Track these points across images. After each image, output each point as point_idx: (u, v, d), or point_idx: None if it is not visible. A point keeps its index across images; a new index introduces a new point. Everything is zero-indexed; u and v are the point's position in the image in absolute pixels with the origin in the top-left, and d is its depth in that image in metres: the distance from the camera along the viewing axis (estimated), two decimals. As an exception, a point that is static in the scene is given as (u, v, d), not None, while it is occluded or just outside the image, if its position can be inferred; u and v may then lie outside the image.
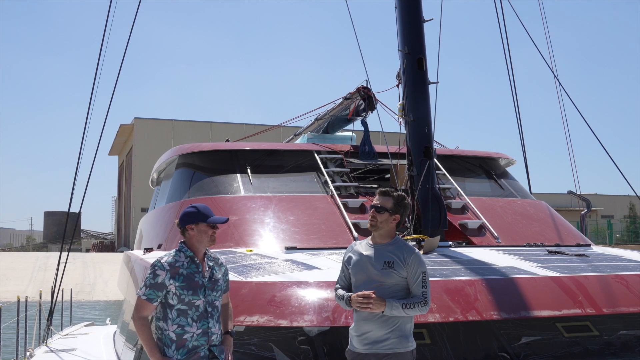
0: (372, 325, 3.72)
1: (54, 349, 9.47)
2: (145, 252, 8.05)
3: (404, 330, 3.74)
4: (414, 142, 7.14)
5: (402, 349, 3.71)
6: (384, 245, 3.85)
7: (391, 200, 3.87)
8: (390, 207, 3.85)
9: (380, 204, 3.86)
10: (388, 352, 3.69)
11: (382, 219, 3.83)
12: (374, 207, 3.87)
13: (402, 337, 3.72)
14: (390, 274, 3.73)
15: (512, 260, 5.82)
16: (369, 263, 3.80)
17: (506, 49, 8.86)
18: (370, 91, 9.13)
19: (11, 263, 38.25)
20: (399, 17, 7.28)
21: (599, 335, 4.73)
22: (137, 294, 3.78)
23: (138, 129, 55.34)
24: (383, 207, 3.85)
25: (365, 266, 3.81)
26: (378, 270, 3.75)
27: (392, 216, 3.85)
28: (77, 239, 68.85)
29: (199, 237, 3.84)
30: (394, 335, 3.70)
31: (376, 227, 3.85)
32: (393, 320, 3.71)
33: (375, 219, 3.84)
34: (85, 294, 31.92)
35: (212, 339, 3.81)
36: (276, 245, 6.64)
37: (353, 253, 3.92)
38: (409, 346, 3.75)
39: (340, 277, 3.98)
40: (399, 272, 3.73)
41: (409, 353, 3.74)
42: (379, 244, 3.86)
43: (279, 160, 8.39)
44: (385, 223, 3.84)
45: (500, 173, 9.36)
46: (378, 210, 3.85)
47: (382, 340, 3.70)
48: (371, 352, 3.72)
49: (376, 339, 3.71)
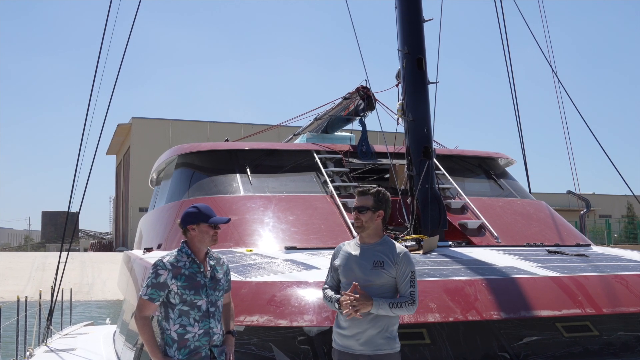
0: (360, 325, 3.74)
1: (53, 349, 9.47)
2: (145, 252, 8.05)
3: (391, 331, 3.77)
4: (413, 142, 7.15)
5: (389, 349, 3.74)
6: (372, 245, 3.88)
7: (371, 198, 3.91)
8: (371, 205, 3.89)
9: (361, 204, 3.91)
10: (376, 352, 3.72)
11: (366, 218, 3.87)
12: (356, 209, 3.91)
13: (389, 338, 3.75)
14: (379, 273, 3.76)
15: (512, 260, 5.82)
16: (358, 263, 3.83)
17: (506, 49, 8.87)
18: (369, 91, 9.14)
19: (9, 263, 38.22)
20: (399, 17, 7.28)
21: (599, 335, 4.74)
22: (139, 294, 3.78)
23: (136, 128, 55.35)
24: (364, 206, 3.89)
25: (354, 266, 3.83)
26: (367, 270, 3.78)
27: (375, 213, 3.89)
28: (75, 238, 68.80)
29: (201, 237, 3.84)
30: (382, 336, 3.73)
31: (362, 227, 3.89)
32: (381, 321, 3.73)
33: (360, 220, 3.88)
34: (84, 293, 31.90)
35: (213, 339, 3.81)
36: (276, 245, 6.64)
37: (342, 253, 3.95)
38: (396, 347, 3.79)
39: (327, 277, 4.01)
40: (388, 271, 3.76)
41: (396, 354, 3.77)
42: (368, 244, 3.89)
43: (278, 160, 8.39)
44: (371, 221, 3.88)
45: (499, 173, 9.37)
46: (360, 210, 3.89)
47: (369, 340, 3.73)
48: (359, 352, 3.74)
49: (364, 338, 3.74)
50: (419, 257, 5.86)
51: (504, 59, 8.90)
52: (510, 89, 9.00)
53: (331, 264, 4.01)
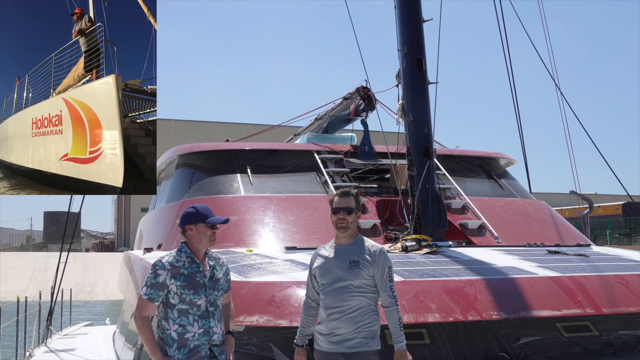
0: (338, 324, 3.80)
1: (53, 349, 9.48)
2: (145, 252, 8.05)
3: (371, 331, 3.81)
4: (413, 142, 7.14)
5: (367, 347, 3.77)
6: (347, 245, 3.94)
7: (353, 200, 3.99)
8: (355, 206, 3.98)
9: (347, 205, 3.97)
10: (354, 350, 3.76)
11: (352, 219, 3.96)
12: (344, 210, 3.95)
13: (368, 337, 3.79)
14: (356, 272, 3.81)
15: (512, 260, 5.82)
16: (334, 264, 3.88)
17: (506, 49, 8.85)
18: (369, 91, 9.13)
19: (11, 263, 38.26)
20: (399, 17, 7.27)
21: (599, 335, 4.73)
22: (139, 294, 3.78)
23: (138, 128, 55.30)
24: (350, 207, 3.96)
25: (330, 268, 3.89)
26: (344, 271, 3.83)
27: (357, 214, 3.99)
28: (77, 238, 68.88)
29: (198, 237, 3.85)
30: (361, 335, 3.78)
31: (347, 227, 3.95)
32: (360, 320, 3.79)
33: (347, 221, 3.94)
34: (86, 293, 31.94)
35: (213, 339, 3.81)
36: (276, 245, 6.64)
37: (318, 258, 4.01)
38: (374, 346, 3.82)
39: (308, 287, 4.05)
40: (365, 270, 3.81)
41: (373, 352, 3.80)
42: (343, 245, 3.95)
43: (278, 160, 8.39)
44: (354, 222, 3.97)
45: (500, 173, 9.36)
46: (349, 212, 3.95)
47: (349, 339, 3.77)
48: (338, 350, 3.78)
49: (343, 337, 3.78)
50: (419, 257, 5.85)
51: (504, 59, 8.89)
52: (511, 88, 8.98)
53: (309, 270, 4.06)
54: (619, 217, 42.94)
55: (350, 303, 3.79)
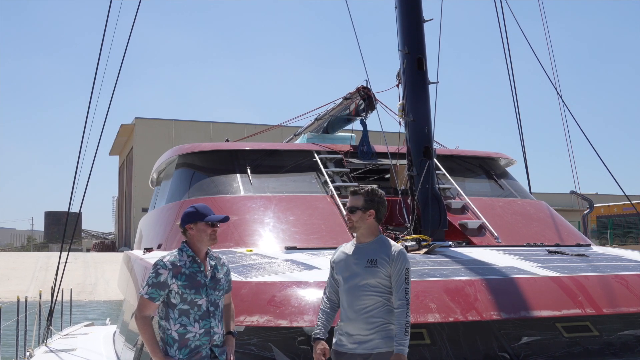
0: (356, 324, 3.77)
1: (53, 349, 9.48)
2: (145, 252, 8.05)
3: (388, 331, 3.79)
4: (413, 142, 7.14)
5: (386, 348, 3.75)
6: (367, 243, 3.91)
7: (361, 198, 3.94)
8: (361, 205, 3.92)
9: (352, 204, 3.95)
10: (372, 351, 3.74)
11: (357, 218, 3.91)
12: (349, 209, 3.95)
13: (386, 337, 3.76)
14: (373, 271, 3.79)
15: (512, 260, 5.82)
16: (352, 261, 3.87)
17: (506, 49, 8.86)
18: (370, 91, 9.13)
19: (12, 263, 38.23)
20: (399, 17, 7.27)
21: (599, 335, 4.73)
22: (140, 293, 3.79)
23: (139, 129, 55.30)
24: (354, 206, 3.92)
25: (349, 265, 3.87)
26: (361, 268, 3.81)
27: (365, 213, 3.91)
28: (77, 238, 68.87)
29: (199, 236, 3.85)
30: (379, 335, 3.75)
31: (354, 227, 3.94)
32: (377, 321, 3.76)
33: (351, 220, 3.93)
34: (87, 293, 31.92)
35: (214, 339, 3.81)
36: (276, 245, 6.64)
37: (339, 253, 3.99)
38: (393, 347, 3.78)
39: (328, 280, 4.04)
40: (382, 269, 3.78)
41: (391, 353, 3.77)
42: (363, 243, 3.93)
43: (278, 160, 8.39)
44: (361, 221, 3.91)
45: (500, 173, 9.36)
46: (352, 211, 3.93)
47: (367, 340, 3.75)
48: (356, 351, 3.76)
49: (361, 338, 3.76)
50: (419, 257, 5.85)
51: (504, 59, 8.89)
52: (511, 88, 9.00)
53: (330, 265, 4.04)
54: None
55: (366, 302, 3.77)
